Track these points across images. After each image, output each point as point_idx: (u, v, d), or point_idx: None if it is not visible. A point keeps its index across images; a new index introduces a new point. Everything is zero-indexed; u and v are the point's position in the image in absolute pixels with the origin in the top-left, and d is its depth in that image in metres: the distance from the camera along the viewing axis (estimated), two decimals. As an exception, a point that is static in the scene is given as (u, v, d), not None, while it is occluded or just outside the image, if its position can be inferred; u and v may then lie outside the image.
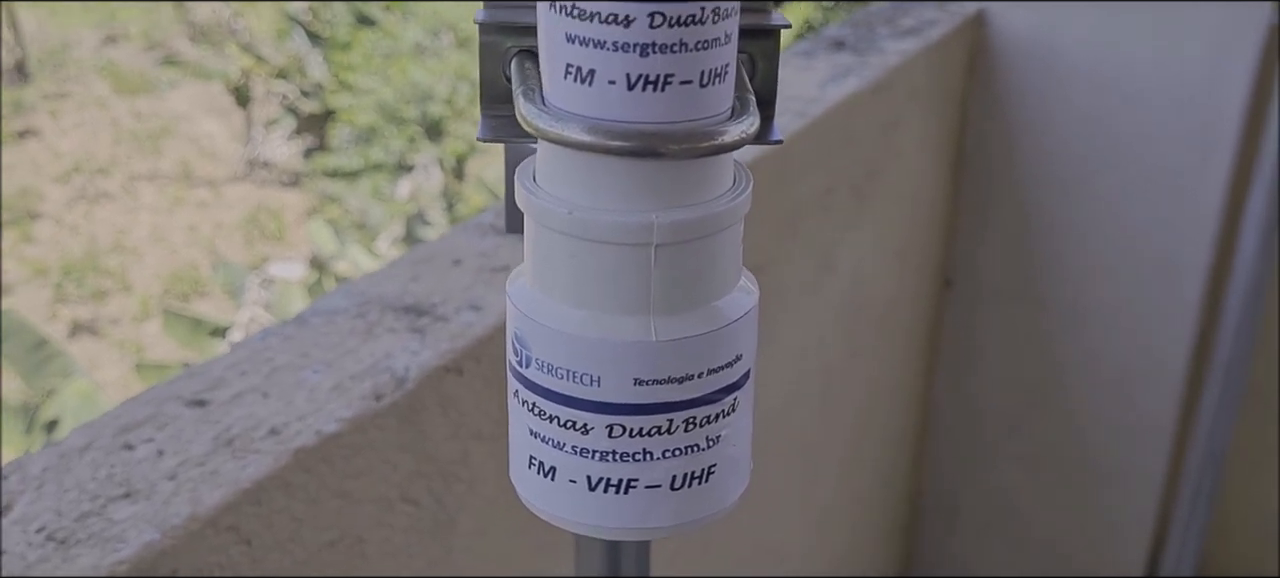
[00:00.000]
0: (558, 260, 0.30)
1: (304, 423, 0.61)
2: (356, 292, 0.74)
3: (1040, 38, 1.34)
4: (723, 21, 0.29)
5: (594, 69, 0.29)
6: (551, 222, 0.30)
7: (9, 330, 4.87)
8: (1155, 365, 1.35)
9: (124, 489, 0.55)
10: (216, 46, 10.48)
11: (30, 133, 9.71)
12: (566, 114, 0.29)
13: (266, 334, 0.69)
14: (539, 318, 0.31)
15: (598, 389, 0.31)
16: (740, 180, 0.32)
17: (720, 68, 0.29)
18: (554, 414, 0.31)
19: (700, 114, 0.29)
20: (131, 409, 0.61)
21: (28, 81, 10.43)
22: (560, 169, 0.30)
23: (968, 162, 1.41)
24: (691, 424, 0.31)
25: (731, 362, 0.32)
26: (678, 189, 0.30)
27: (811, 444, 1.24)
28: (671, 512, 0.32)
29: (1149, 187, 1.31)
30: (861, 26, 1.31)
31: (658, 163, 0.29)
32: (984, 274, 1.44)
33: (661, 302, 0.30)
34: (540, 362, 0.31)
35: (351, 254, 5.80)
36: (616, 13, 0.28)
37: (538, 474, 0.32)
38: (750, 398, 0.34)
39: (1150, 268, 1.34)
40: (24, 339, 4.85)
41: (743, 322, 0.32)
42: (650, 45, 0.28)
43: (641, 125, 0.29)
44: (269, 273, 5.95)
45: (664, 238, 0.29)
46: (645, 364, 0.30)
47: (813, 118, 1.05)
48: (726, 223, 0.31)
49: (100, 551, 0.51)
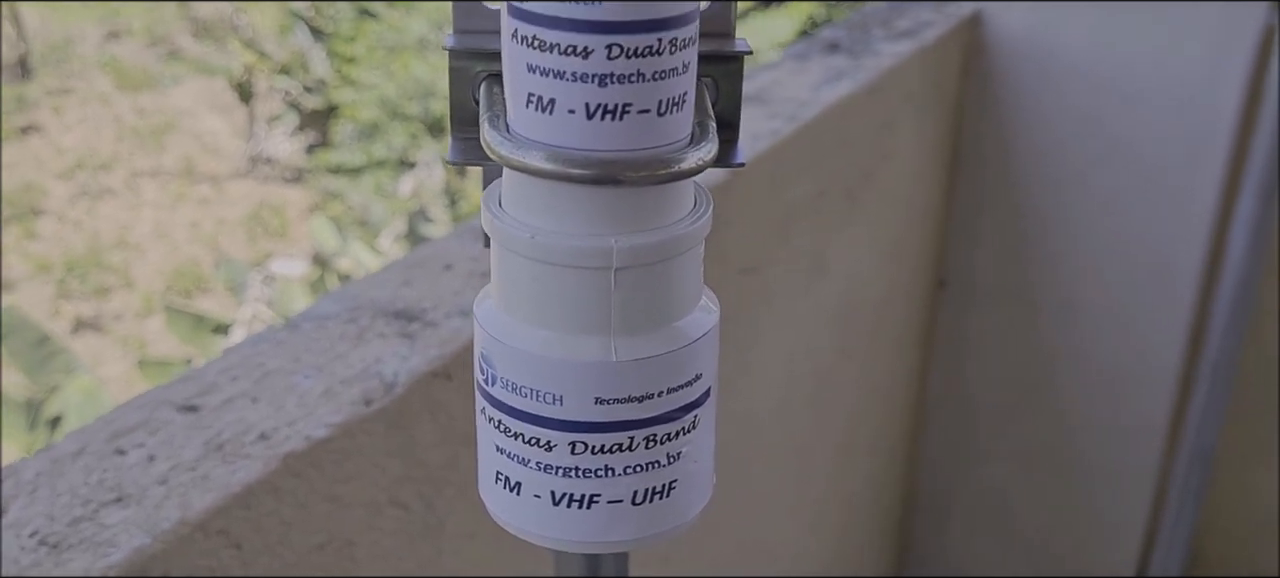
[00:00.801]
0: (521, 283, 0.31)
1: (293, 428, 0.61)
2: (348, 296, 0.75)
3: (1036, 38, 1.34)
4: (680, 52, 0.30)
5: (554, 98, 0.29)
6: (515, 245, 0.31)
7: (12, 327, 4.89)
8: (1148, 366, 1.36)
9: (115, 494, 0.56)
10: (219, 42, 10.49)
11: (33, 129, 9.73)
12: (528, 141, 0.30)
13: (258, 340, 0.70)
14: (504, 338, 0.32)
15: (560, 407, 0.32)
16: (701, 203, 0.33)
17: (678, 97, 0.30)
18: (519, 431, 0.32)
19: (659, 141, 0.30)
20: (124, 414, 0.62)
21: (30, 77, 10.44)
22: (523, 194, 0.31)
23: (963, 162, 1.42)
24: (652, 441, 0.32)
25: (691, 381, 0.33)
26: (637, 214, 0.31)
27: (803, 444, 1.25)
28: (633, 526, 0.33)
29: (1144, 187, 1.31)
30: (856, 28, 1.32)
31: (617, 189, 0.30)
32: (978, 275, 1.45)
33: (622, 323, 0.31)
34: (505, 380, 0.32)
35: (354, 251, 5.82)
36: (575, 44, 0.29)
37: (504, 489, 0.33)
38: (712, 415, 0.34)
39: (1144, 268, 1.34)
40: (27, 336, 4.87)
41: (703, 341, 0.33)
42: (608, 76, 0.29)
43: (601, 153, 0.29)
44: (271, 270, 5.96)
45: (623, 261, 0.30)
46: (606, 384, 0.31)
47: (805, 121, 1.06)
48: (686, 246, 0.32)
49: (92, 555, 0.52)
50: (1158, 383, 1.35)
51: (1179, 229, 1.30)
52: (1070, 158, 1.34)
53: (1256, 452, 1.47)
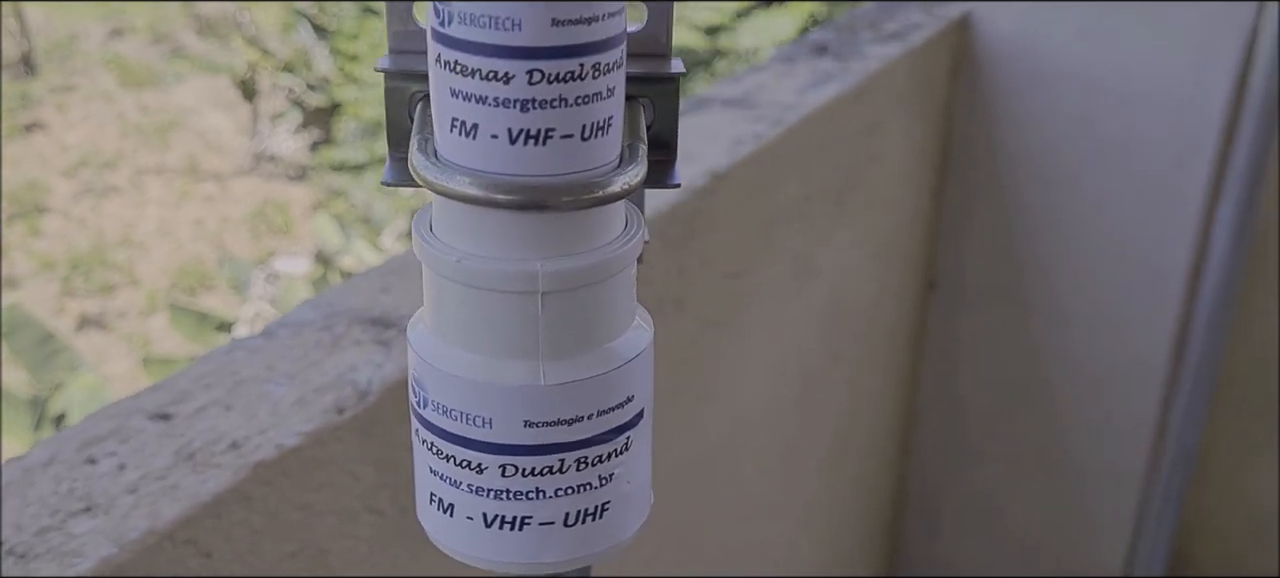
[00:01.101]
0: (450, 307, 0.32)
1: (264, 437, 0.62)
2: (325, 304, 0.75)
3: (1026, 40, 1.34)
4: (604, 77, 0.30)
5: (477, 123, 0.30)
6: (442, 269, 0.31)
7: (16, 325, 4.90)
8: (1137, 366, 1.36)
9: (85, 504, 0.56)
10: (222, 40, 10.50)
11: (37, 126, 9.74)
12: (453, 166, 0.30)
13: (233, 347, 0.70)
14: (434, 361, 0.32)
15: (490, 431, 0.32)
16: (632, 225, 0.33)
17: (603, 121, 0.30)
18: (450, 454, 0.32)
19: (585, 166, 0.30)
20: (96, 423, 0.62)
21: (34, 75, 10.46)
22: (451, 218, 0.31)
23: (952, 164, 1.42)
24: (583, 464, 0.32)
25: (623, 403, 0.33)
26: (563, 238, 0.31)
27: (793, 446, 1.25)
28: (566, 547, 0.33)
29: (1133, 189, 1.31)
30: (844, 31, 1.32)
31: (543, 214, 0.30)
32: (968, 277, 1.45)
33: (549, 347, 0.31)
34: (436, 403, 0.32)
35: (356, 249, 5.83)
36: (496, 70, 0.29)
37: (438, 511, 0.33)
38: (646, 435, 0.35)
39: (1133, 270, 1.34)
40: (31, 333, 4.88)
41: (634, 363, 0.33)
42: (530, 101, 0.29)
43: (525, 178, 0.30)
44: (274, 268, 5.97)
45: (549, 286, 0.31)
46: (534, 407, 0.31)
47: (790, 125, 1.06)
48: (615, 269, 0.32)
49: (58, 565, 0.53)
50: (1146, 384, 1.35)
51: (1168, 231, 1.30)
52: (1060, 160, 1.34)
53: (1245, 453, 1.47)
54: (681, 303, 0.96)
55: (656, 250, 0.91)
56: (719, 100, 1.11)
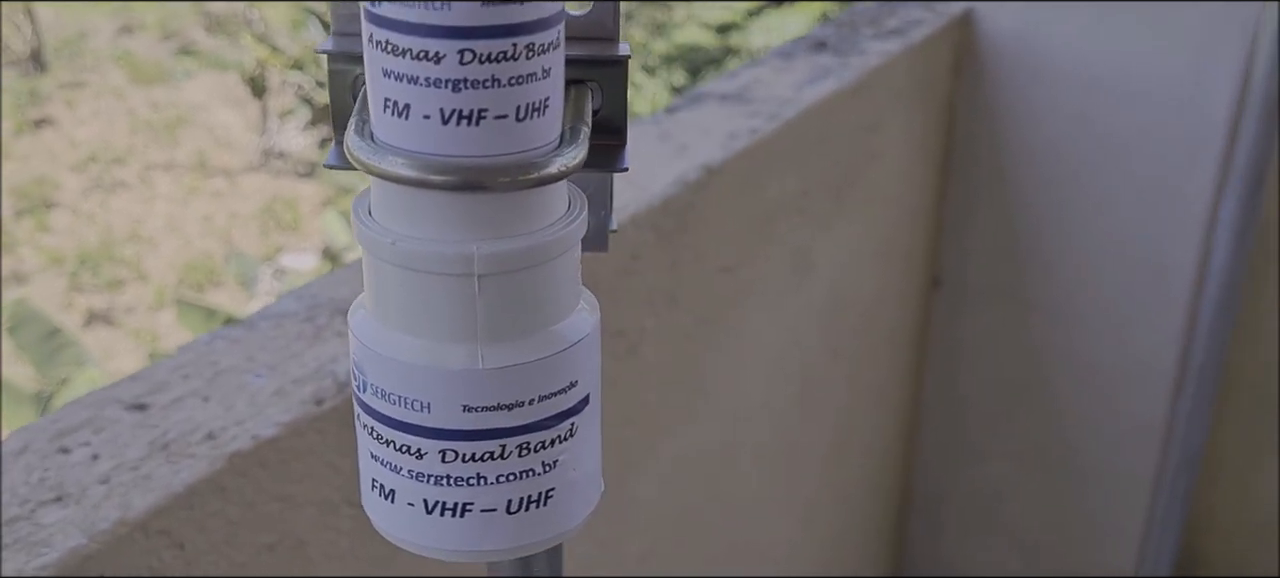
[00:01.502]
0: (387, 290, 0.31)
1: (241, 428, 0.61)
2: (308, 295, 0.74)
3: (1028, 38, 1.33)
4: (538, 57, 0.29)
5: (409, 103, 0.29)
6: (379, 252, 0.30)
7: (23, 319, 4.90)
8: (1143, 366, 1.35)
9: (55, 494, 0.55)
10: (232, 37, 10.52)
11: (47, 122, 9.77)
12: (388, 147, 0.29)
13: (214, 337, 0.69)
14: (372, 345, 0.31)
15: (428, 415, 0.31)
16: (575, 206, 0.32)
17: (538, 102, 0.29)
18: (390, 439, 0.32)
19: (520, 146, 0.29)
20: (71, 412, 0.61)
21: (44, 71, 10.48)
22: (388, 201, 0.30)
23: (955, 162, 1.41)
24: (525, 450, 0.31)
25: (566, 388, 0.32)
26: (501, 219, 0.30)
27: (793, 442, 1.24)
28: (509, 534, 0.32)
29: (1137, 188, 1.30)
30: (845, 27, 1.30)
31: (479, 195, 0.29)
32: (972, 274, 1.44)
33: (488, 330, 0.30)
34: (375, 388, 0.31)
35: (363, 246, 5.82)
36: (427, 49, 0.28)
37: (380, 497, 0.33)
38: (593, 421, 0.34)
39: (1138, 269, 1.33)
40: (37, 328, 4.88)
41: (578, 347, 0.32)
42: (462, 81, 0.28)
43: (459, 158, 0.29)
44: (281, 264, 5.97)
45: (486, 268, 0.30)
46: (473, 391, 0.31)
47: (786, 120, 1.05)
48: (556, 252, 0.31)
49: (25, 555, 0.52)
50: (1152, 382, 1.34)
51: (1173, 230, 1.29)
52: (1063, 158, 1.33)
53: (1253, 453, 1.46)
54: (674, 297, 0.95)
55: (649, 244, 0.90)
56: (715, 95, 1.10)
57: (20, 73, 10.41)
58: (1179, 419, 1.29)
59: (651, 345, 0.94)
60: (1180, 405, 1.29)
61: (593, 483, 0.34)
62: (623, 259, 0.88)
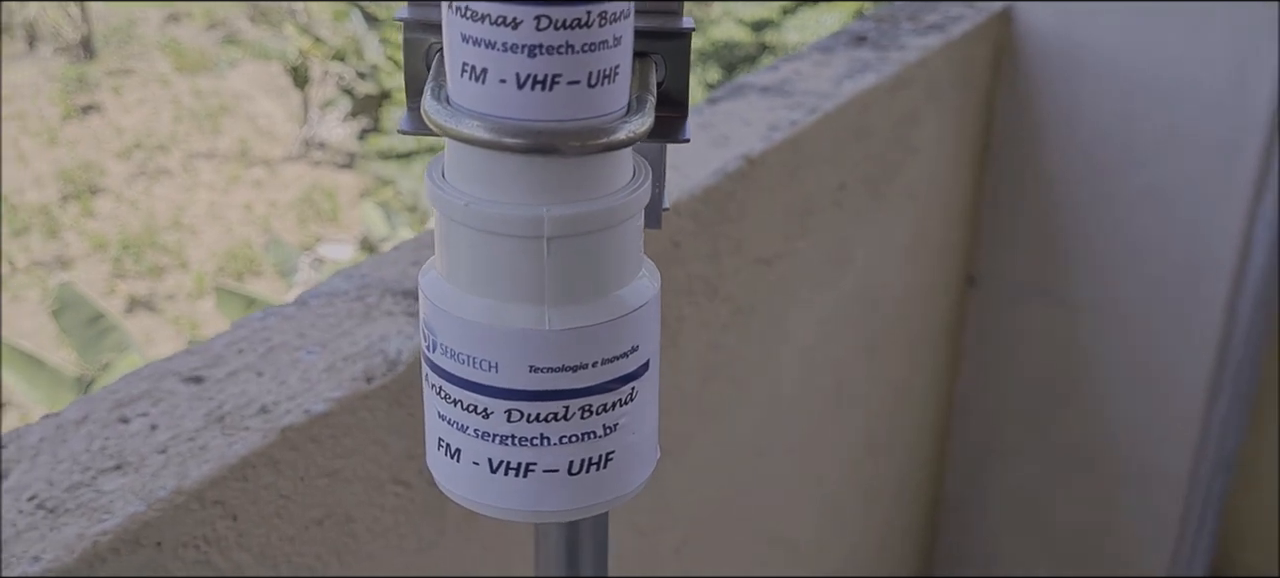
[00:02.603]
0: (459, 251, 0.32)
1: (294, 402, 0.63)
2: (358, 275, 0.76)
3: (1068, 35, 1.33)
4: (610, 25, 0.30)
5: (486, 68, 0.30)
6: (452, 213, 0.32)
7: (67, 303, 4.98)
8: (1179, 366, 1.35)
9: (115, 461, 0.58)
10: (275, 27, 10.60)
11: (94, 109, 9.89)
12: (464, 111, 0.31)
13: (267, 314, 0.71)
14: (443, 305, 0.32)
15: (496, 375, 0.32)
16: (640, 174, 0.33)
17: (609, 69, 0.31)
18: (458, 398, 0.33)
19: (591, 112, 0.30)
20: (130, 383, 0.64)
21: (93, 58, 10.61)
22: (461, 163, 0.32)
23: (993, 159, 1.41)
24: (587, 412, 0.33)
25: (628, 352, 0.33)
26: (571, 184, 0.31)
27: (824, 436, 1.25)
28: (569, 496, 0.33)
29: (1175, 187, 1.30)
30: (885, 22, 1.31)
31: (549, 159, 0.30)
32: (1008, 272, 1.44)
33: (556, 292, 0.32)
34: (444, 347, 0.33)
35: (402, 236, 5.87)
36: (505, 15, 0.29)
37: (446, 456, 0.34)
38: (652, 387, 0.35)
39: (1176, 268, 1.33)
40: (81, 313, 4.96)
41: (640, 313, 0.33)
42: (537, 47, 0.30)
43: (531, 122, 0.30)
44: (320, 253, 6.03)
45: (555, 231, 0.31)
46: (539, 352, 0.32)
47: (825, 112, 1.06)
48: (621, 217, 0.32)
49: (87, 520, 0.54)
50: (1189, 384, 1.34)
51: (1211, 230, 1.28)
52: (1101, 156, 1.33)
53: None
54: (713, 287, 0.97)
55: (689, 232, 0.91)
56: (756, 87, 1.11)
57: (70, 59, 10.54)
58: (1214, 420, 1.29)
59: (690, 335, 0.95)
60: (1216, 407, 1.29)
61: (650, 448, 0.36)
62: (664, 245, 0.89)
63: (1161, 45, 1.27)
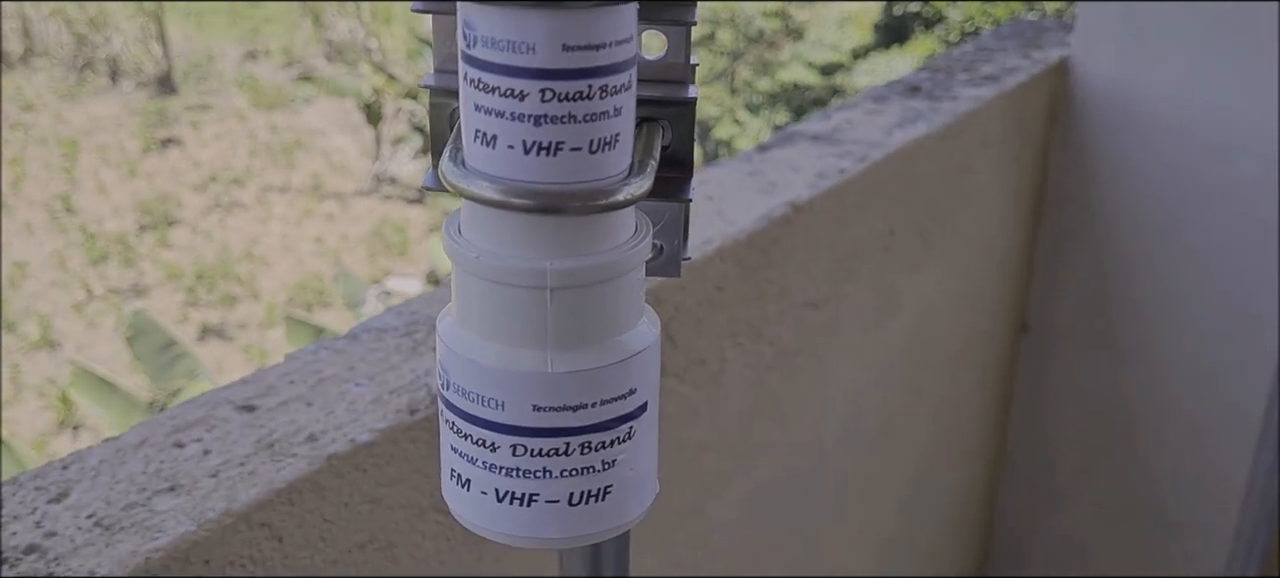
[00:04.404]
0: (471, 298, 0.35)
1: (340, 432, 0.65)
2: (408, 311, 0.79)
3: (1124, 86, 1.33)
4: (611, 97, 0.33)
5: (496, 134, 0.33)
6: (465, 264, 0.34)
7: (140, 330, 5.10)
8: (1231, 418, 1.34)
9: (169, 483, 0.60)
10: (351, 65, 10.82)
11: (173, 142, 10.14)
12: (476, 173, 0.33)
13: (319, 347, 0.74)
14: (456, 348, 0.35)
15: (502, 412, 0.35)
16: (641, 230, 0.35)
17: (610, 137, 0.33)
18: (468, 433, 0.35)
19: (593, 176, 0.33)
20: (186, 410, 0.67)
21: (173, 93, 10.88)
22: (474, 219, 0.34)
23: (1048, 208, 1.41)
24: (587, 448, 0.35)
25: (626, 394, 0.35)
26: (573, 239, 0.34)
27: (871, 479, 1.26)
28: (569, 525, 0.35)
29: (1228, 239, 1.29)
30: (940, 72, 1.32)
31: (553, 217, 0.33)
32: (1061, 321, 1.44)
33: (558, 338, 0.34)
34: (457, 386, 0.35)
35: (467, 272, 5.93)
36: (513, 88, 0.32)
37: (457, 485, 0.36)
38: (650, 427, 0.37)
39: (1228, 320, 1.32)
40: (154, 339, 5.08)
41: (638, 358, 0.35)
42: (543, 116, 0.32)
43: (537, 184, 0.32)
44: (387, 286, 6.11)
45: (558, 282, 0.33)
46: (542, 393, 0.34)
47: (873, 161, 1.07)
48: (621, 271, 0.35)
49: (140, 538, 0.57)
50: (1238, 435, 1.33)
51: (1263, 282, 1.28)
52: (1155, 207, 1.33)
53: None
54: (758, 330, 0.98)
55: (733, 277, 0.93)
56: (807, 135, 1.13)
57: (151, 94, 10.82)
58: (1259, 472, 1.28)
59: (733, 375, 0.97)
60: (1261, 458, 1.28)
61: (648, 483, 0.38)
62: (707, 290, 0.91)
63: (1217, 99, 1.27)
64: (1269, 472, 1.25)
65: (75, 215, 9.06)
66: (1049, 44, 1.42)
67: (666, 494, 0.93)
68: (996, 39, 1.46)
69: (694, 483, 0.98)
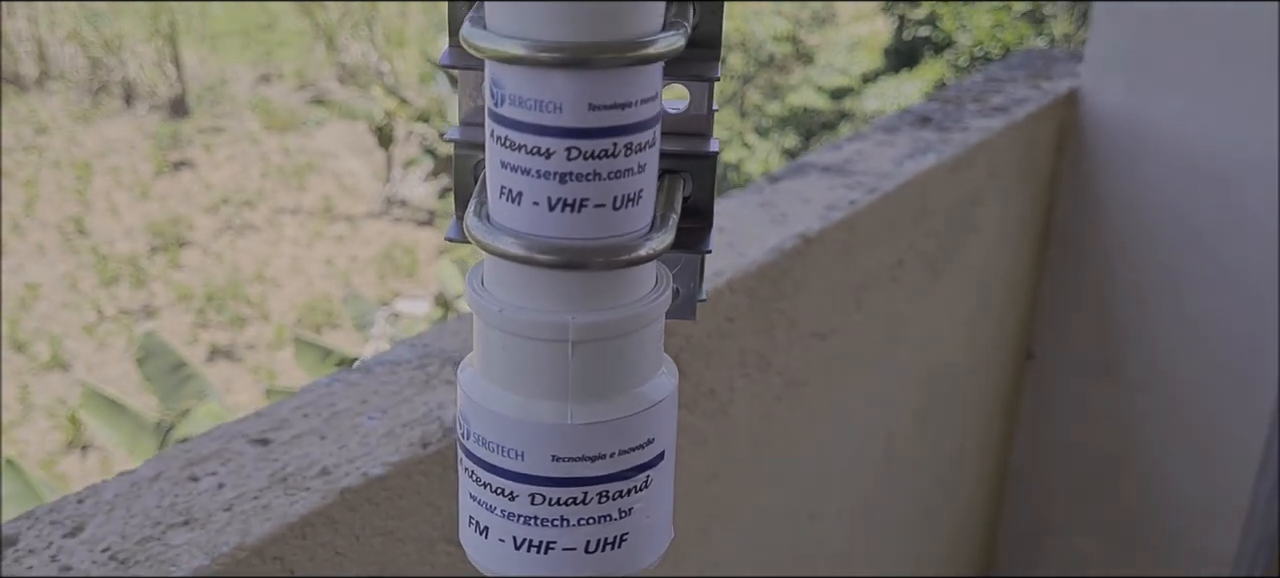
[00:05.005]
0: (493, 351, 0.35)
1: (353, 465, 0.66)
2: (422, 344, 0.80)
3: (1134, 116, 1.34)
4: (635, 155, 0.33)
5: (522, 191, 0.33)
6: (487, 317, 0.35)
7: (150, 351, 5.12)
8: (1233, 445, 1.34)
9: (184, 517, 0.61)
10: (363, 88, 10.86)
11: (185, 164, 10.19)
12: (501, 228, 0.34)
13: (333, 380, 0.75)
14: (477, 398, 0.36)
15: (522, 462, 0.35)
16: (661, 283, 0.36)
17: (634, 193, 0.33)
18: (487, 482, 0.36)
19: (616, 232, 0.33)
20: (202, 444, 0.67)
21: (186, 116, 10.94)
22: (498, 273, 0.35)
23: (1055, 237, 1.42)
24: (604, 497, 0.35)
25: (644, 444, 0.36)
26: (595, 294, 0.34)
27: (877, 507, 1.26)
28: (584, 572, 0.36)
29: (1235, 269, 1.30)
30: (950, 103, 1.33)
31: (574, 272, 0.33)
32: (1067, 349, 1.44)
33: (578, 390, 0.34)
34: (477, 436, 0.36)
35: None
36: (539, 146, 0.32)
37: (475, 532, 0.37)
38: (666, 475, 0.37)
39: (1233, 350, 1.32)
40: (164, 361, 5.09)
41: (656, 409, 0.36)
42: (568, 174, 0.33)
43: (561, 240, 0.33)
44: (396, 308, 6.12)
45: (579, 336, 0.34)
46: (561, 444, 0.35)
47: (884, 192, 1.08)
48: (641, 324, 0.35)
49: (155, 572, 0.57)
50: (1238, 465, 1.33)
51: (1266, 313, 1.28)
52: (1161, 237, 1.34)
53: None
54: (767, 361, 0.99)
55: (743, 308, 0.94)
56: (817, 166, 1.14)
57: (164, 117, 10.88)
58: (1260, 499, 1.28)
59: (742, 405, 0.97)
60: (1262, 485, 1.28)
61: (664, 529, 0.38)
62: (718, 321, 0.92)
63: (1225, 130, 1.27)
64: (1269, 499, 1.25)
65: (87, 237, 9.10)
66: (1058, 75, 1.43)
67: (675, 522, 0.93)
68: (1006, 70, 1.47)
69: (701, 513, 0.98)
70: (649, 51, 0.32)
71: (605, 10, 0.32)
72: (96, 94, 11.13)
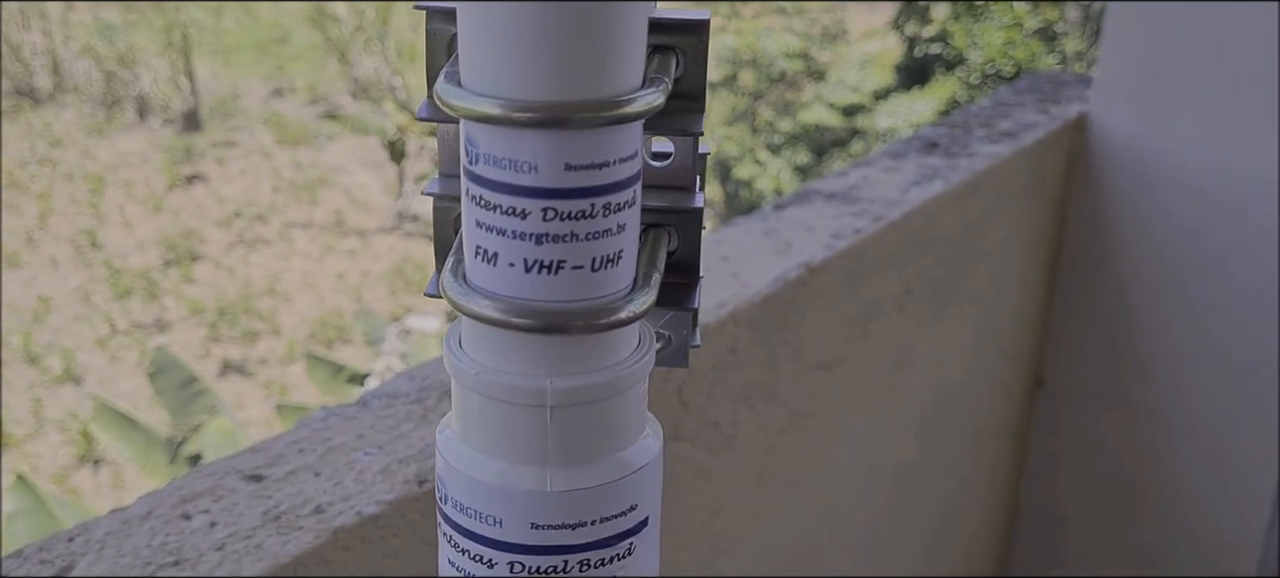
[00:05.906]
0: (470, 414, 0.34)
1: (347, 504, 0.65)
2: (420, 377, 0.79)
3: (1143, 142, 1.33)
4: (614, 214, 0.32)
5: (497, 252, 0.32)
6: (464, 380, 0.34)
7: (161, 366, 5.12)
8: (1244, 480, 1.32)
9: (174, 558, 0.60)
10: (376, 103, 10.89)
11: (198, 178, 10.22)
12: (477, 289, 0.33)
13: (329, 414, 0.74)
14: (455, 462, 0.35)
15: (500, 529, 0.34)
16: (644, 343, 0.35)
17: (613, 254, 0.32)
18: (465, 548, 0.35)
19: (595, 293, 0.32)
20: (195, 480, 0.66)
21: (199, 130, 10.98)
22: (475, 335, 0.34)
23: (1064, 263, 1.41)
24: (586, 566, 0.34)
25: (626, 511, 0.35)
26: (574, 357, 0.33)
27: (885, 539, 1.25)
28: None
29: (1244, 298, 1.28)
30: (958, 128, 1.32)
31: (552, 336, 0.32)
32: (1078, 375, 1.43)
33: (557, 456, 0.33)
34: (455, 501, 0.35)
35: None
36: (514, 206, 0.31)
37: None
38: (651, 542, 0.36)
39: (1245, 377, 1.31)
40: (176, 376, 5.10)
41: (639, 474, 0.35)
42: (544, 235, 0.32)
43: (538, 303, 0.32)
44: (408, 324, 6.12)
45: (557, 401, 0.33)
46: (541, 511, 0.34)
47: (890, 221, 1.07)
48: (623, 387, 0.34)
49: (144, 614, 0.56)
50: (1251, 496, 1.31)
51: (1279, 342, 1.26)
52: (1172, 264, 1.32)
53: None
54: (771, 392, 0.98)
55: (746, 339, 0.93)
56: (822, 193, 1.13)
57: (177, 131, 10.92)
58: (1274, 529, 1.26)
59: (746, 438, 0.96)
60: (1276, 514, 1.26)
61: None
62: (721, 353, 0.91)
63: (1235, 153, 1.26)
64: (1268, 526, 1.23)
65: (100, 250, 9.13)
66: (1067, 99, 1.42)
67: (678, 557, 0.92)
68: (1015, 94, 1.45)
69: (706, 547, 0.97)
70: (627, 111, 0.31)
71: (581, 68, 0.31)
72: (110, 108, 11.18)
